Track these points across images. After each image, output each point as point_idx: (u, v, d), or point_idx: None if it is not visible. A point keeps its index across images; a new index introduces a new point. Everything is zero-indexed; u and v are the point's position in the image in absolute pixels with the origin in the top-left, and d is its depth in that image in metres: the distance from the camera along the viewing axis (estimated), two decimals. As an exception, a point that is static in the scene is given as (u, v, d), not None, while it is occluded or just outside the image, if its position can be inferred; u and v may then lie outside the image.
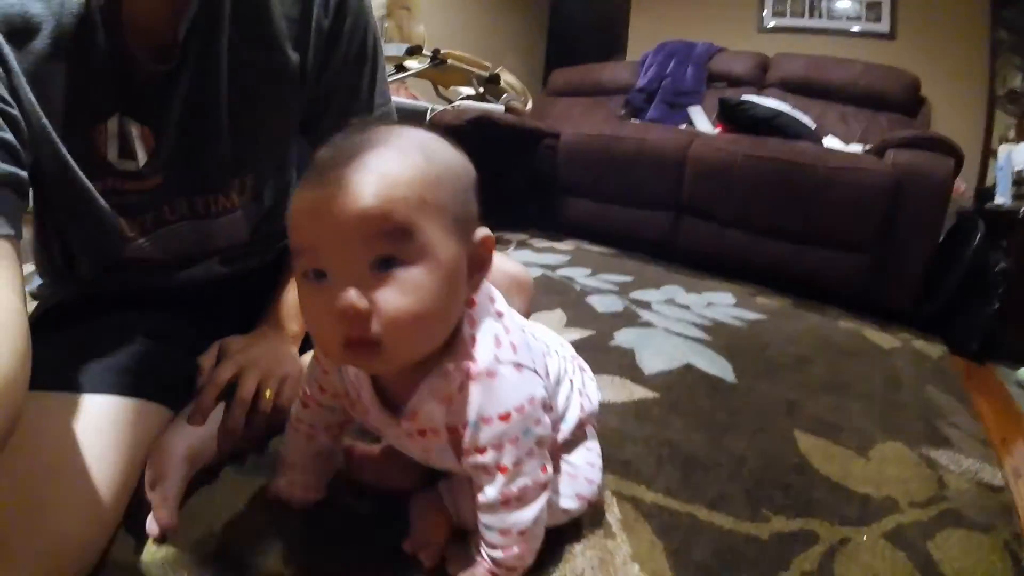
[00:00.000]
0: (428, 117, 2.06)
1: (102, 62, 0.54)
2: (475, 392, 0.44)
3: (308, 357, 0.71)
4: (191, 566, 0.51)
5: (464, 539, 0.53)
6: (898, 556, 0.63)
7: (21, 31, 0.49)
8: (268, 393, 0.64)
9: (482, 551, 0.49)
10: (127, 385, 0.57)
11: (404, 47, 2.15)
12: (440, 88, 2.55)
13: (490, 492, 0.46)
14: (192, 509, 0.57)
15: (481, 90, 2.40)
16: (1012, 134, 2.58)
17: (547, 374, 0.51)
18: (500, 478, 0.45)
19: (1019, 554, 0.66)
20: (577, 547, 0.58)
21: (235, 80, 0.61)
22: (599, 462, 0.62)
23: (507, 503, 0.46)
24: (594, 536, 0.61)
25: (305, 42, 0.65)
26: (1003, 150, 1.76)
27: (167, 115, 0.59)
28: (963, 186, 2.13)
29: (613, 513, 0.65)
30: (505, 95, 2.51)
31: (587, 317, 1.44)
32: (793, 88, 2.55)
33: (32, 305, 0.66)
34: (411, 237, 0.38)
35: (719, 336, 1.40)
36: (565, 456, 0.58)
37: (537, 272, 1.84)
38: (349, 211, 0.37)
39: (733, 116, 2.21)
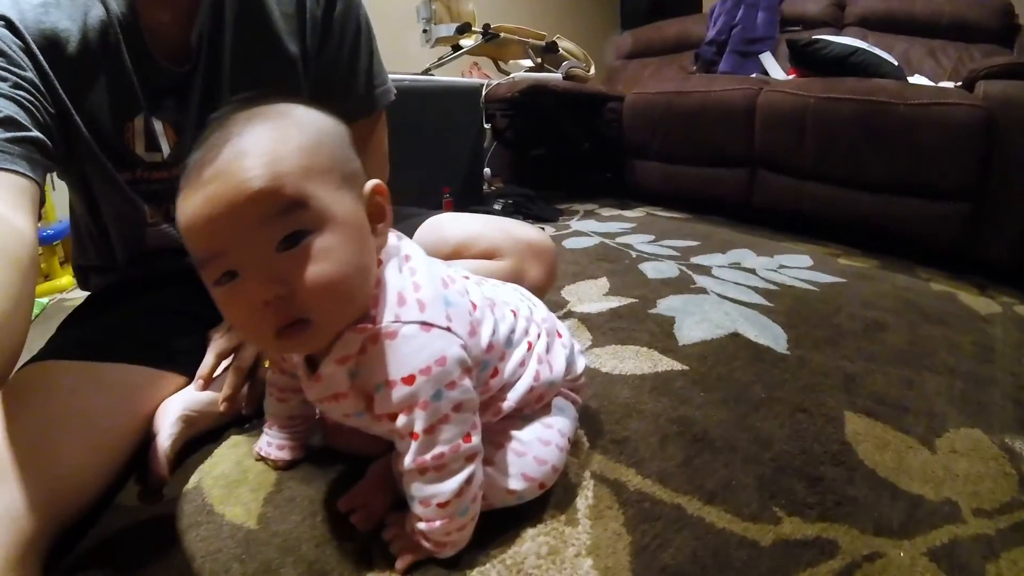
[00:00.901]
0: (484, 92, 1.95)
1: (127, 67, 0.58)
2: (377, 355, 0.41)
3: None
4: (179, 514, 0.53)
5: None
6: (949, 582, 0.47)
7: (54, 43, 0.54)
8: (267, 363, 0.64)
9: (414, 522, 0.45)
10: (141, 355, 0.61)
11: (454, 27, 2.04)
12: (500, 63, 2.41)
13: (407, 459, 0.42)
14: (189, 464, 0.61)
15: (539, 60, 2.23)
16: None
17: (472, 332, 0.45)
18: (413, 445, 0.41)
19: None
20: (529, 531, 0.49)
21: (241, 76, 0.64)
22: (559, 440, 0.52)
23: (423, 471, 0.42)
24: (553, 522, 0.51)
25: (302, 33, 0.68)
26: None
27: (186, 112, 0.63)
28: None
29: (585, 498, 0.54)
30: (565, 63, 2.32)
31: (634, 284, 1.29)
32: (874, 25, 2.12)
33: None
34: (307, 206, 0.36)
35: (782, 301, 1.18)
36: (513, 431, 0.50)
37: (594, 241, 1.69)
38: (238, 201, 0.35)
39: (805, 58, 1.87)
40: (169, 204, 0.66)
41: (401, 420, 0.41)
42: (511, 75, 2.21)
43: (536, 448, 0.50)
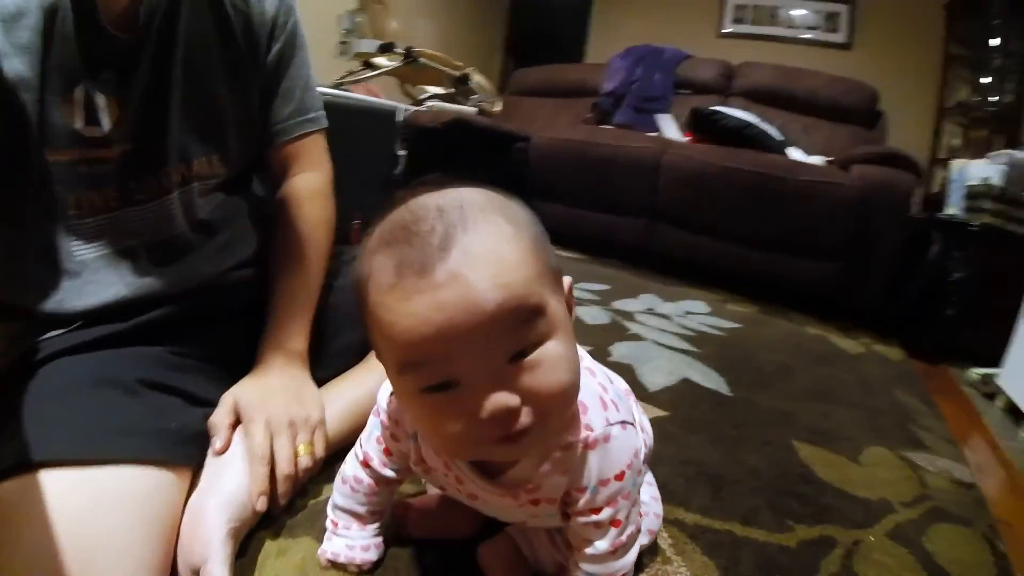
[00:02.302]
0: (400, 117, 2.13)
1: (70, 29, 0.57)
2: (593, 459, 0.46)
3: (337, 392, 0.75)
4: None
5: None
6: (902, 552, 0.79)
7: (13, 14, 0.54)
8: (303, 448, 0.64)
9: None
10: (134, 448, 0.53)
11: (376, 43, 2.20)
12: (407, 87, 2.62)
13: (601, 545, 0.48)
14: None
15: (452, 90, 2.49)
16: (958, 142, 2.91)
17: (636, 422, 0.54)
18: (612, 531, 0.48)
19: (995, 543, 0.84)
20: (641, 576, 0.69)
21: (194, 63, 0.66)
22: (656, 493, 0.68)
23: (615, 552, 0.49)
24: (654, 564, 0.70)
25: (251, 29, 0.72)
26: (956, 165, 2.02)
27: (131, 86, 0.62)
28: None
29: (663, 538, 0.75)
30: (475, 96, 2.60)
31: (578, 332, 1.57)
32: (758, 98, 2.77)
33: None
34: (544, 315, 0.38)
35: (704, 346, 1.56)
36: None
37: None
38: (488, 308, 0.35)
39: (705, 126, 2.39)
40: (113, 187, 0.64)
41: (606, 512, 0.47)
42: (420, 101, 2.42)
43: (653, 506, 0.64)
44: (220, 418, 0.64)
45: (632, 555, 0.51)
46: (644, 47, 3.01)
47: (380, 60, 2.22)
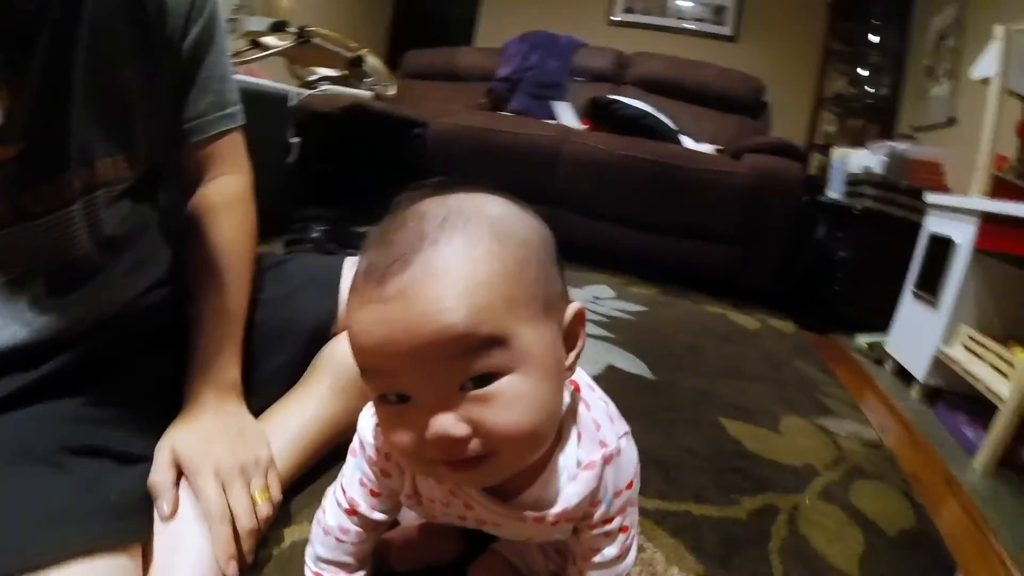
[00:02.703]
0: (292, 103, 2.02)
1: None
2: (609, 473, 0.47)
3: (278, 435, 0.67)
4: None
5: None
6: (835, 510, 0.89)
7: None
8: (260, 495, 0.59)
9: None
10: (75, 538, 0.46)
11: (268, 21, 2.06)
12: (297, 68, 2.48)
13: (610, 551, 0.49)
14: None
15: (345, 73, 2.40)
16: (834, 130, 3.28)
17: None
18: (621, 537, 0.49)
19: (910, 495, 0.97)
20: (624, 568, 0.73)
21: (99, 45, 0.57)
22: None
23: (621, 556, 0.50)
24: None
25: (164, 9, 0.64)
26: (838, 153, 2.28)
27: (26, 71, 0.53)
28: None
29: None
30: (369, 79, 2.52)
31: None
32: (651, 87, 2.93)
33: None
34: (504, 346, 0.35)
35: (618, 332, 1.64)
36: None
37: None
38: (426, 332, 0.34)
39: (603, 114, 2.49)
40: (2, 198, 0.55)
41: (617, 521, 0.48)
42: (311, 83, 2.31)
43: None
44: (161, 476, 0.56)
45: (633, 555, 0.53)
46: (540, 33, 3.08)
47: (270, 40, 2.08)
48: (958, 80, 2.55)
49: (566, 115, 2.77)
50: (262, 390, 0.72)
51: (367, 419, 0.50)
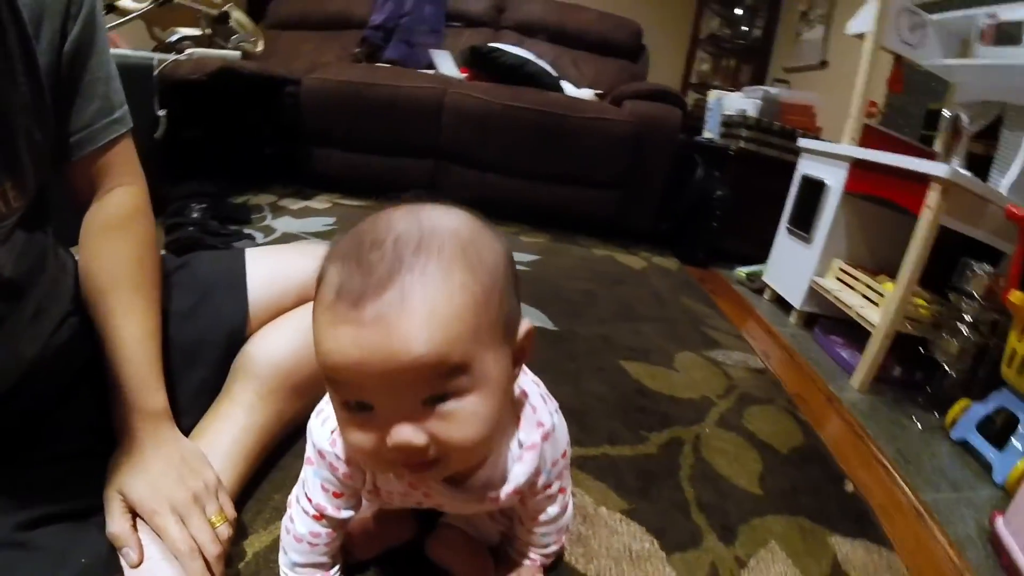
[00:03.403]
0: (156, 71, 1.81)
1: None
2: (547, 448, 0.52)
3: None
4: None
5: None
6: (732, 436, 0.98)
7: None
8: (217, 519, 0.59)
9: (531, 553, 0.61)
10: None
11: None
12: (156, 30, 2.20)
13: (553, 510, 0.57)
14: None
15: (209, 31, 2.16)
16: (707, 68, 3.40)
17: None
18: (560, 496, 0.57)
19: (796, 414, 1.07)
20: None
21: None
22: None
23: (562, 511, 0.58)
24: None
25: (40, 9, 0.55)
26: (713, 95, 2.38)
27: None
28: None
29: None
30: (235, 36, 2.30)
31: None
32: (529, 32, 2.89)
33: None
34: (468, 372, 0.38)
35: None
36: None
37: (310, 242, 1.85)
38: (401, 361, 0.36)
39: (483, 63, 2.43)
40: None
41: (556, 485, 0.55)
42: (172, 44, 2.07)
43: None
44: (118, 526, 0.54)
45: (571, 507, 0.60)
46: (412, -24, 2.92)
47: (128, 2, 1.81)
48: (831, 25, 2.73)
49: (445, 64, 2.67)
50: (188, 408, 0.68)
51: (320, 428, 0.51)
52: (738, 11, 3.48)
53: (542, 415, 0.52)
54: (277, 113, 2.31)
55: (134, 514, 0.56)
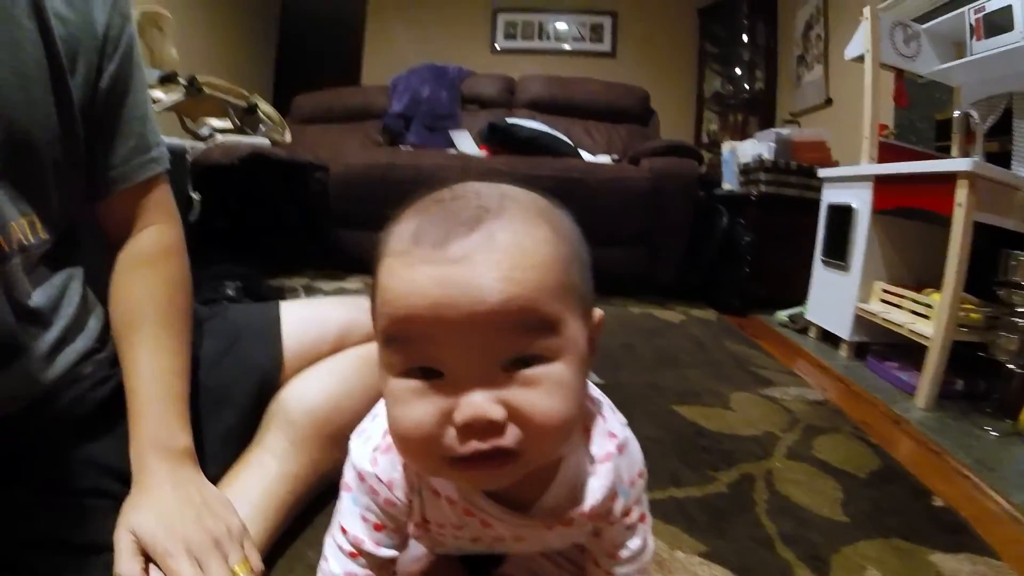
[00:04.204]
0: (190, 157, 1.91)
1: None
2: (622, 463, 0.46)
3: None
4: None
5: None
6: (805, 467, 0.92)
7: None
8: (240, 568, 0.54)
9: None
10: None
11: (156, 73, 1.94)
12: (187, 121, 2.34)
13: (634, 544, 0.49)
14: None
15: (239, 122, 2.29)
16: (715, 127, 3.50)
17: None
18: (641, 526, 0.49)
19: (866, 438, 1.02)
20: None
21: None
22: None
23: (645, 544, 0.50)
24: None
25: (75, 43, 0.57)
26: (727, 147, 2.43)
27: None
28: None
29: None
30: (263, 125, 2.43)
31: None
32: (541, 108, 3.01)
33: None
34: (556, 331, 0.34)
35: None
36: None
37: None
38: (483, 300, 0.32)
39: (501, 138, 2.53)
40: None
41: (635, 512, 0.47)
42: (203, 135, 2.20)
43: None
44: (127, 567, 0.50)
45: (652, 542, 0.51)
46: (427, 66, 3.09)
47: (159, 93, 1.95)
48: (828, 63, 2.81)
49: (464, 143, 2.79)
50: (215, 455, 0.65)
51: (361, 447, 0.46)
52: (738, 69, 3.61)
53: (613, 425, 0.46)
54: (306, 198, 2.41)
55: (147, 556, 0.51)
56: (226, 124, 2.25)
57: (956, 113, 1.56)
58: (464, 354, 0.33)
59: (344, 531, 0.46)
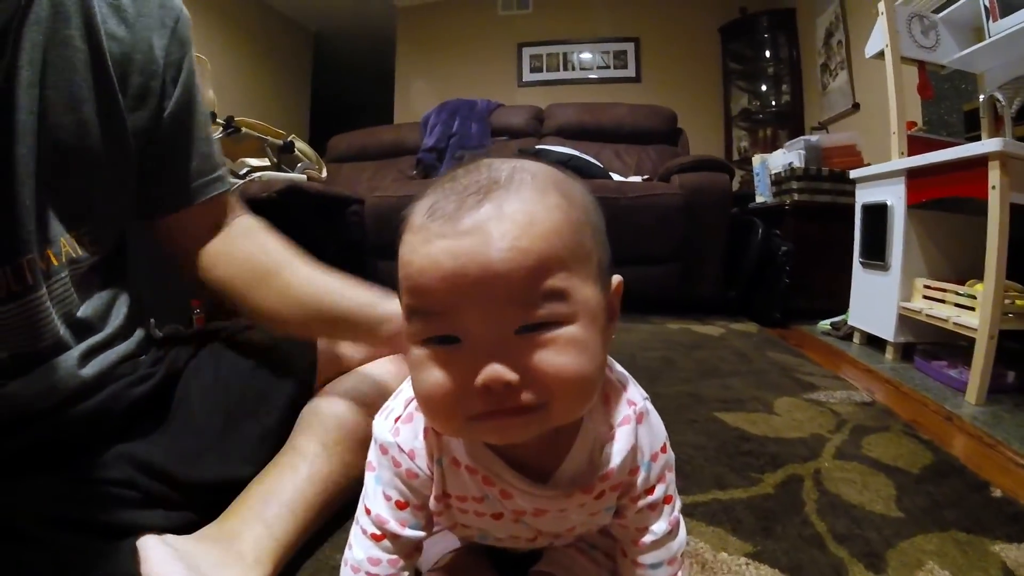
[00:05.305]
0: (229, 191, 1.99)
1: None
2: (643, 433, 0.45)
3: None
4: None
5: None
6: (856, 466, 0.88)
7: None
8: None
9: None
10: None
11: None
12: (228, 161, 2.45)
13: (660, 527, 0.47)
14: None
15: (276, 160, 2.38)
16: (747, 144, 3.48)
17: None
18: (667, 508, 0.47)
19: (917, 434, 0.97)
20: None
21: (51, 101, 0.53)
22: None
23: (672, 531, 0.48)
24: None
25: (130, 65, 0.59)
26: (758, 159, 2.40)
27: None
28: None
29: None
30: (300, 164, 2.52)
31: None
32: (569, 134, 3.05)
33: None
34: (567, 297, 0.35)
35: None
36: None
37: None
38: (500, 268, 0.33)
39: (532, 163, 2.56)
40: None
41: (659, 489, 0.46)
42: (244, 174, 2.29)
43: None
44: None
45: (683, 532, 0.49)
46: (456, 101, 3.18)
47: None
48: (853, 68, 2.78)
49: (496, 172, 2.83)
50: (252, 456, 0.66)
51: (383, 422, 0.46)
52: (763, 84, 3.59)
53: (632, 394, 0.46)
54: (343, 231, 2.47)
55: None
56: (264, 162, 2.34)
57: (981, 97, 1.52)
58: (479, 321, 0.35)
59: (368, 511, 0.46)
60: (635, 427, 0.44)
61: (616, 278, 0.42)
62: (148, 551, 0.50)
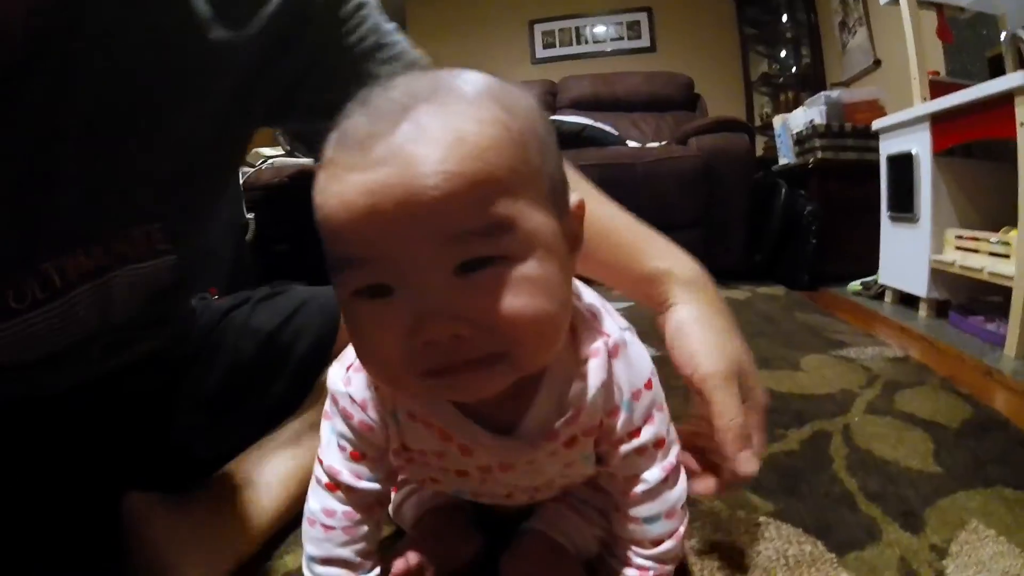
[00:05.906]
0: (242, 180, 1.99)
1: None
2: (620, 369, 0.39)
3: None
4: None
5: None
6: (889, 420, 0.81)
7: None
8: None
9: (636, 559, 0.43)
10: None
11: None
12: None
13: (653, 474, 0.41)
14: None
15: (289, 148, 2.37)
16: (769, 110, 3.35)
17: None
18: (659, 453, 0.41)
19: (956, 388, 0.90)
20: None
21: (117, 71, 0.44)
22: None
23: (667, 479, 0.42)
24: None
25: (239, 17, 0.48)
26: (778, 120, 2.29)
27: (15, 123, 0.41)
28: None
29: None
30: (313, 151, 2.51)
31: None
32: (585, 106, 2.95)
33: None
34: (511, 226, 0.29)
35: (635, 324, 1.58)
36: None
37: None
38: (416, 203, 0.27)
39: (546, 135, 2.49)
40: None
41: (647, 431, 0.40)
42: (265, 162, 2.28)
43: None
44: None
45: (683, 482, 0.43)
46: (468, 79, 3.11)
47: None
48: (871, 23, 2.64)
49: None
50: (269, 419, 0.66)
51: (336, 369, 0.41)
52: (782, 48, 3.44)
53: (607, 325, 0.39)
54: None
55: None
56: (277, 151, 2.33)
57: (1003, 35, 1.43)
58: (410, 266, 0.28)
59: (320, 461, 0.42)
60: (606, 361, 0.38)
61: (575, 197, 0.35)
62: (135, 505, 0.49)
